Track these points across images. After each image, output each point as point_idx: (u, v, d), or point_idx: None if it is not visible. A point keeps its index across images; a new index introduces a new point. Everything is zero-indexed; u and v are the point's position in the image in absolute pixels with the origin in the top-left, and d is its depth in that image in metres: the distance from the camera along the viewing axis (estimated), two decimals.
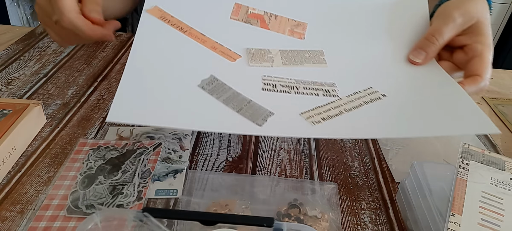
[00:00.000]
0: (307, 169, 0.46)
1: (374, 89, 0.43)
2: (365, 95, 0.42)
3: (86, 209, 0.38)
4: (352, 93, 0.43)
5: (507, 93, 0.65)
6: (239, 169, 0.45)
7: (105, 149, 0.46)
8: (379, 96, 0.42)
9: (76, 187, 0.41)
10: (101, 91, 0.58)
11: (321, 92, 0.43)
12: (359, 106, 0.41)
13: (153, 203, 0.40)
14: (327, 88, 0.43)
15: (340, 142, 0.51)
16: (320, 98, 0.42)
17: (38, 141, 0.47)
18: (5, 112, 0.46)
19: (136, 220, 0.32)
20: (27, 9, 2.00)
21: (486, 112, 0.59)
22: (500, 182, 0.36)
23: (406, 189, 0.41)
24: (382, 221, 0.40)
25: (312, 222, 0.38)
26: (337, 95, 0.42)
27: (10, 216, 0.38)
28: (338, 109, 0.40)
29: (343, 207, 0.41)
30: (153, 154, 0.46)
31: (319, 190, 0.43)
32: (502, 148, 0.52)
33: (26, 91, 0.56)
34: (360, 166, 0.47)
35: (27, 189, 0.41)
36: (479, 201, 0.34)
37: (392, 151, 0.50)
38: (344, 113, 0.40)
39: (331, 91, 0.43)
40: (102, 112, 0.53)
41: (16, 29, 0.74)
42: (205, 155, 0.47)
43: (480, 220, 0.32)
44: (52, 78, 0.60)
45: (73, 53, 0.67)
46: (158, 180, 0.43)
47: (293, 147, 0.49)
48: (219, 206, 0.39)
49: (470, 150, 0.40)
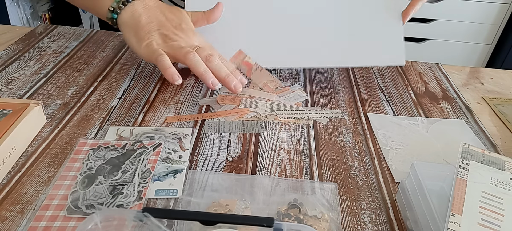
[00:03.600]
0: (307, 169, 0.46)
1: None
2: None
3: (86, 209, 0.38)
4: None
5: (507, 93, 0.65)
6: (239, 169, 0.45)
7: (105, 149, 0.46)
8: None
9: (76, 187, 0.41)
10: (101, 91, 0.58)
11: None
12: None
13: (153, 203, 0.40)
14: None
15: (340, 142, 0.51)
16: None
17: (38, 141, 0.47)
18: (5, 112, 0.46)
19: (136, 220, 0.32)
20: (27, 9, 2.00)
21: (486, 112, 0.59)
22: (500, 182, 0.36)
23: (406, 189, 0.41)
24: (382, 221, 0.40)
25: (312, 222, 0.38)
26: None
27: (10, 216, 0.38)
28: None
29: (343, 207, 0.41)
30: (153, 154, 0.46)
31: (319, 190, 0.43)
32: (502, 148, 0.52)
33: (26, 91, 0.56)
34: (360, 166, 0.47)
35: (27, 189, 0.41)
36: (479, 201, 0.34)
37: (392, 151, 0.50)
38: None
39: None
40: (102, 112, 0.53)
41: (16, 29, 0.74)
42: (205, 155, 0.47)
43: (480, 220, 0.32)
44: (52, 78, 0.60)
45: (73, 53, 0.67)
46: (158, 180, 0.43)
47: (293, 147, 0.49)
48: (219, 206, 0.39)
49: (470, 150, 0.40)
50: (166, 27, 0.54)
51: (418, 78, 0.68)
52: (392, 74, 0.68)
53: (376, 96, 0.61)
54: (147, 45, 0.53)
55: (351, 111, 0.57)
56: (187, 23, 0.56)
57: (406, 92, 0.63)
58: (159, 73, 0.63)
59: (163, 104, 0.56)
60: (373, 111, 0.57)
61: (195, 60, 0.52)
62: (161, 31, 0.54)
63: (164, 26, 0.54)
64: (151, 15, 0.55)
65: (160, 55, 0.52)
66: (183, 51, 0.52)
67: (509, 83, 0.68)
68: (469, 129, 0.55)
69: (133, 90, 0.58)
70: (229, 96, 0.58)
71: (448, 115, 0.58)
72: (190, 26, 0.56)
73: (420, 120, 0.56)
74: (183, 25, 0.55)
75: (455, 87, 0.65)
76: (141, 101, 0.56)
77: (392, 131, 0.53)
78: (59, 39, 0.72)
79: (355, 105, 0.59)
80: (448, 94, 0.63)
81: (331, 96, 0.60)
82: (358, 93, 0.62)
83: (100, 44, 0.71)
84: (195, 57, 0.52)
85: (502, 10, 1.96)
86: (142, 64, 0.65)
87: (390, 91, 0.63)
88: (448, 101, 0.61)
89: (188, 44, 0.54)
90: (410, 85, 0.65)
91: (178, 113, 0.54)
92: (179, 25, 0.55)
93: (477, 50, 2.11)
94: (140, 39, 0.54)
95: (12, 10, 1.91)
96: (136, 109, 0.54)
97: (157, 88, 0.59)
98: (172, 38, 0.54)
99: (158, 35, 0.54)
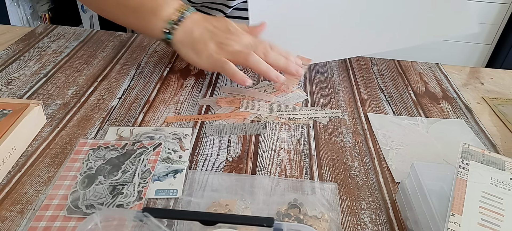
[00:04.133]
0: (307, 169, 0.46)
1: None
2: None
3: (86, 209, 0.38)
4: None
5: (507, 93, 0.65)
6: (239, 169, 0.45)
7: (105, 149, 0.46)
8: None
9: (76, 187, 0.41)
10: (101, 91, 0.58)
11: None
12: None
13: (153, 203, 0.40)
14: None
15: (340, 142, 0.51)
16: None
17: (38, 141, 0.47)
18: (5, 112, 0.46)
19: (136, 220, 0.32)
20: (27, 9, 2.00)
21: (486, 112, 0.59)
22: (500, 182, 0.36)
23: (406, 189, 0.41)
24: (382, 221, 0.40)
25: (312, 222, 0.38)
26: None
27: (10, 216, 0.38)
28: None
29: (343, 207, 0.41)
30: (153, 154, 0.46)
31: (319, 190, 0.43)
32: (502, 148, 0.52)
33: (26, 91, 0.57)
34: (360, 166, 0.47)
35: (27, 189, 0.41)
36: (479, 201, 0.34)
37: (392, 151, 0.50)
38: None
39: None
40: (102, 112, 0.53)
41: (16, 29, 0.74)
42: (205, 155, 0.47)
43: (480, 220, 0.32)
44: (52, 78, 0.60)
45: (73, 53, 0.67)
46: (158, 180, 0.43)
47: (293, 147, 0.49)
48: (219, 206, 0.39)
49: (470, 150, 0.40)
50: (218, 35, 0.56)
51: (418, 78, 0.68)
52: (392, 74, 0.68)
53: (376, 96, 0.61)
54: (208, 57, 0.55)
55: (351, 111, 0.57)
56: (233, 25, 0.58)
57: (406, 92, 0.63)
58: (159, 73, 0.63)
59: (163, 104, 0.56)
60: (373, 112, 0.57)
61: (255, 61, 0.55)
62: (215, 39, 0.56)
63: (216, 34, 0.56)
64: (201, 27, 0.57)
65: (225, 63, 0.54)
66: (242, 55, 0.55)
67: (509, 83, 0.68)
68: (469, 129, 0.55)
69: (133, 90, 0.58)
70: (228, 98, 0.58)
71: (448, 115, 0.58)
72: (235, 27, 0.58)
73: (420, 120, 0.56)
74: (230, 28, 0.57)
75: (455, 87, 0.65)
76: (141, 101, 0.56)
77: (392, 131, 0.53)
78: (59, 39, 0.72)
79: (355, 105, 0.59)
80: (448, 94, 0.63)
81: (331, 96, 0.60)
82: (358, 93, 0.62)
83: (100, 44, 0.71)
84: (254, 57, 0.54)
85: (502, 10, 1.96)
86: (142, 64, 0.66)
87: (390, 91, 0.63)
88: (448, 101, 0.61)
89: (242, 45, 0.56)
90: (410, 85, 0.65)
91: (178, 113, 0.54)
92: (227, 30, 0.57)
93: (477, 50, 2.11)
94: (198, 52, 0.56)
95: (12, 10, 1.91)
96: (136, 109, 0.54)
97: (157, 88, 0.59)
98: (227, 44, 0.55)
99: (214, 44, 0.55)
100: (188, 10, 0.57)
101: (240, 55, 0.55)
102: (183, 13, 0.57)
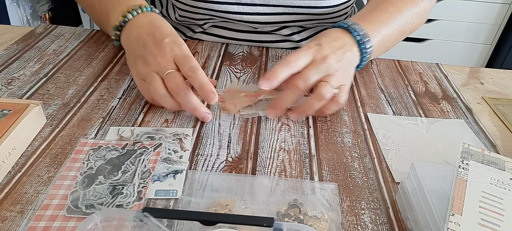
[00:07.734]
0: (307, 169, 0.46)
1: None
2: None
3: (86, 209, 0.38)
4: None
5: (507, 93, 0.65)
6: (239, 169, 0.45)
7: (106, 149, 0.46)
8: None
9: (76, 187, 0.41)
10: (101, 91, 0.58)
11: None
12: None
13: (153, 203, 0.40)
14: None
15: (340, 142, 0.51)
16: None
17: (38, 141, 0.47)
18: (5, 112, 0.46)
19: (136, 220, 0.32)
20: (27, 9, 2.00)
21: (486, 112, 0.59)
22: (500, 182, 0.36)
23: (406, 189, 0.41)
24: (382, 221, 0.40)
25: (312, 222, 0.38)
26: None
27: (10, 216, 0.38)
28: None
29: (343, 207, 0.41)
30: (154, 154, 0.46)
31: (319, 190, 0.43)
32: (502, 148, 0.52)
33: (26, 91, 0.56)
34: (360, 166, 0.47)
35: (27, 189, 0.41)
36: (479, 201, 0.34)
37: (392, 151, 0.50)
38: None
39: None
40: (102, 112, 0.53)
41: (16, 29, 0.74)
42: (205, 155, 0.47)
43: (480, 220, 0.32)
44: (52, 78, 0.60)
45: (73, 53, 0.67)
46: (158, 180, 0.43)
47: (293, 147, 0.49)
48: (219, 206, 0.39)
49: (470, 150, 0.40)
50: (147, 52, 0.51)
51: (418, 78, 0.68)
52: (392, 74, 0.68)
53: (376, 96, 0.61)
54: (135, 81, 0.54)
55: (351, 111, 0.57)
56: (171, 36, 0.51)
57: (406, 92, 0.63)
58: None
59: None
60: (373, 112, 0.57)
61: (169, 105, 0.51)
62: (143, 59, 0.51)
63: (145, 50, 0.51)
64: (137, 38, 0.52)
65: (158, 98, 0.50)
66: (157, 97, 0.50)
67: (509, 83, 0.68)
68: (469, 129, 0.55)
69: (133, 90, 0.58)
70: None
71: (448, 115, 0.58)
72: (173, 38, 0.51)
73: (420, 120, 0.56)
74: (166, 40, 0.50)
75: (455, 87, 0.65)
76: (141, 101, 0.56)
77: (392, 131, 0.53)
78: (59, 39, 0.72)
79: (355, 105, 0.59)
80: (448, 94, 0.63)
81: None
82: (358, 93, 0.62)
83: (100, 44, 0.71)
84: (168, 102, 0.50)
85: (502, 10, 1.96)
86: None
87: (390, 91, 0.63)
88: (448, 101, 0.61)
89: (160, 71, 0.49)
90: (410, 85, 0.65)
91: (178, 113, 0.54)
92: (160, 42, 0.50)
93: (477, 50, 2.11)
94: (130, 65, 0.55)
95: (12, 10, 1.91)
96: (136, 110, 0.54)
97: None
98: (148, 73, 0.50)
99: (141, 64, 0.51)
100: (133, 12, 0.54)
101: (156, 98, 0.50)
102: (126, 16, 0.54)
